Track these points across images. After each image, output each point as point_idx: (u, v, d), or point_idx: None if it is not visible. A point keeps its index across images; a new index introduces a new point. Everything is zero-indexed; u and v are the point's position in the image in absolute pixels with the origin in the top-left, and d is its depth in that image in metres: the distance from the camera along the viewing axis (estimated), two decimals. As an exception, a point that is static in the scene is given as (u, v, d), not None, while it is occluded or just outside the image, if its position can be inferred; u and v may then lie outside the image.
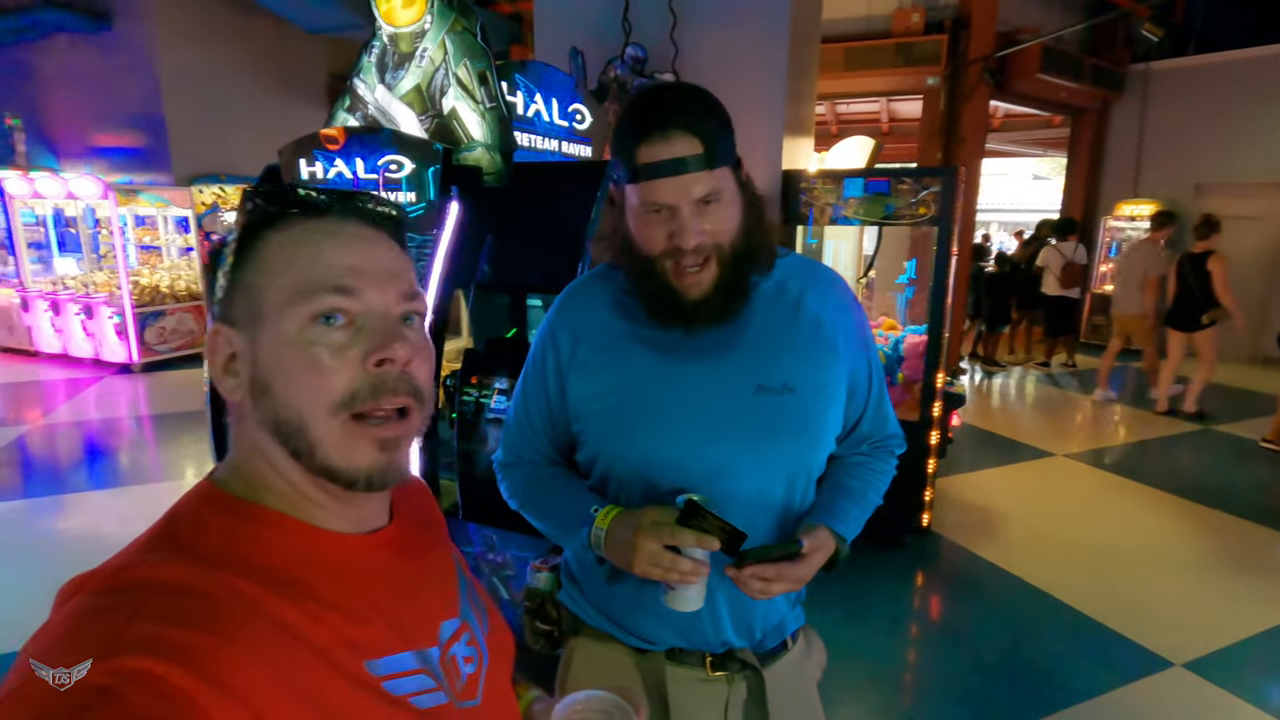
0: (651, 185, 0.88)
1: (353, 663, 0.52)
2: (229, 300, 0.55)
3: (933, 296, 3.22)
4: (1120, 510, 4.05)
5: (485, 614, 0.70)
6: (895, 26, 6.69)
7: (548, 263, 1.91)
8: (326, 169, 1.91)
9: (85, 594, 0.46)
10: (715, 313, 0.93)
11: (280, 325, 0.53)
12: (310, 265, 0.53)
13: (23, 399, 6.13)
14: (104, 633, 0.42)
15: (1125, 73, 8.36)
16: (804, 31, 3.41)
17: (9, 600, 2.90)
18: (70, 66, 8.23)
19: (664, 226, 0.90)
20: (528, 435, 1.07)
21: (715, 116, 0.90)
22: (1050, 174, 19.28)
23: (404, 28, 1.92)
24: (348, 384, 0.53)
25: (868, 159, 4.32)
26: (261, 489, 0.55)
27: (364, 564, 0.58)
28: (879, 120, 10.29)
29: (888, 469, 1.09)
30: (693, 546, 0.84)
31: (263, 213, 0.55)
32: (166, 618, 0.44)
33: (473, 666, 0.63)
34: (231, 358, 0.55)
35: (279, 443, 0.54)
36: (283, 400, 0.53)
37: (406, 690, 0.54)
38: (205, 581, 0.47)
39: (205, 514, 0.54)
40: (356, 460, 0.54)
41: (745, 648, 1.01)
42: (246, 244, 0.55)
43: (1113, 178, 8.81)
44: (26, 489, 4.18)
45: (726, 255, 0.91)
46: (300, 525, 0.55)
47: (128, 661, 0.40)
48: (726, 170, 0.90)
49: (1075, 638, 2.76)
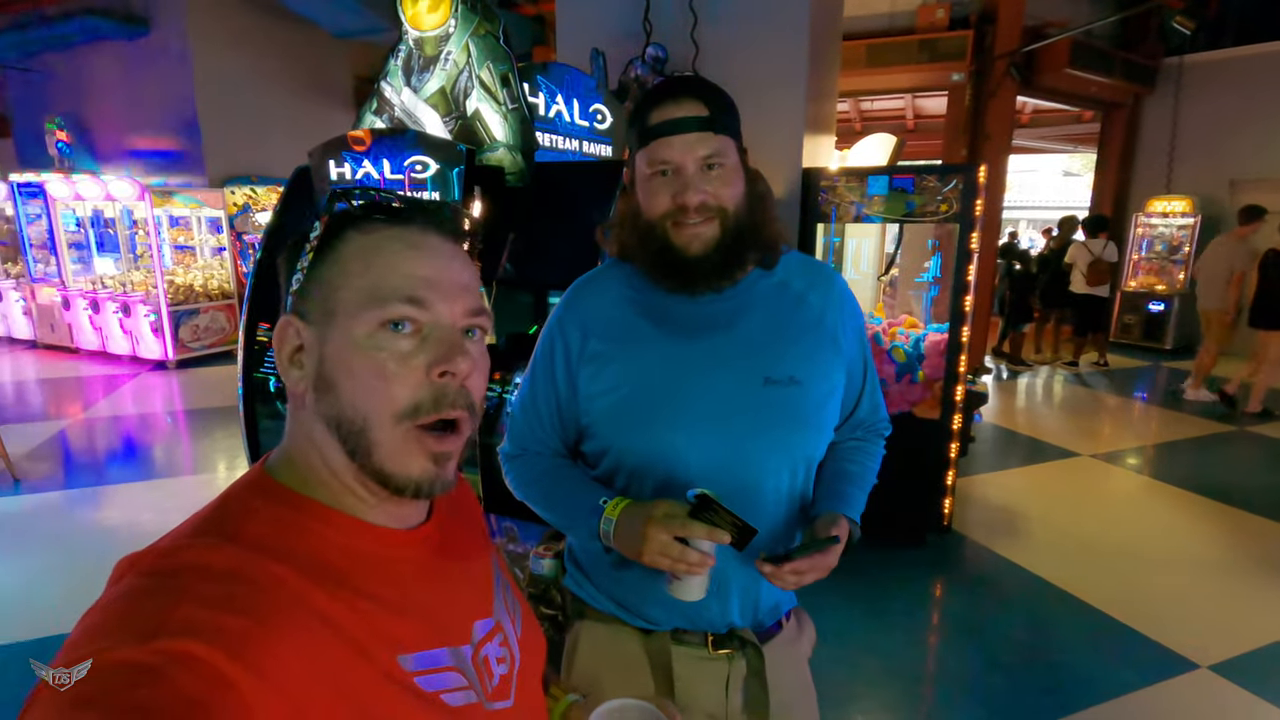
0: (659, 144, 0.93)
1: (386, 657, 0.52)
2: (303, 294, 0.56)
3: (953, 294, 3.20)
4: (1148, 511, 3.98)
5: (519, 614, 0.71)
6: (919, 22, 6.63)
7: (569, 260, 1.95)
8: (354, 170, 1.97)
9: (136, 574, 0.48)
10: (713, 271, 0.96)
11: (351, 327, 0.54)
12: (387, 273, 0.55)
13: (64, 394, 6.35)
14: (152, 614, 0.43)
15: (1158, 66, 8.19)
16: (825, 29, 3.41)
17: (50, 586, 3.02)
18: (110, 71, 8.48)
19: (669, 187, 0.94)
20: (534, 427, 1.09)
21: (722, 95, 0.96)
22: (1082, 170, 18.90)
23: (429, 32, 1.97)
24: (412, 393, 0.55)
25: (889, 156, 4.31)
26: (311, 480, 0.57)
27: (402, 559, 0.59)
28: (904, 117, 10.20)
29: (879, 450, 1.14)
30: (703, 539, 0.86)
31: (349, 215, 0.57)
32: (212, 602, 0.45)
33: (505, 668, 0.64)
34: (298, 349, 0.57)
35: (337, 439, 0.55)
36: (348, 400, 0.54)
37: (438, 687, 0.55)
38: (250, 568, 0.49)
39: (254, 502, 0.55)
40: (410, 469, 0.56)
41: (746, 627, 1.05)
42: (328, 243, 0.56)
43: (1144, 174, 8.64)
44: (67, 480, 4.34)
45: (729, 219, 0.95)
46: (344, 518, 0.56)
47: (174, 643, 0.42)
48: (731, 142, 0.95)
49: (1098, 638, 2.73)
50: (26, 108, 9.18)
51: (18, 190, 7.80)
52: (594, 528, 0.95)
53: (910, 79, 7.05)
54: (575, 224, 2.05)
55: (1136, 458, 4.85)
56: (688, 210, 0.93)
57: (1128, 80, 7.86)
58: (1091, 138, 10.05)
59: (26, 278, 8.01)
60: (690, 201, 0.92)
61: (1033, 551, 3.41)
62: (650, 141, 0.94)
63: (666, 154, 0.93)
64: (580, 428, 1.06)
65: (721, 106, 0.95)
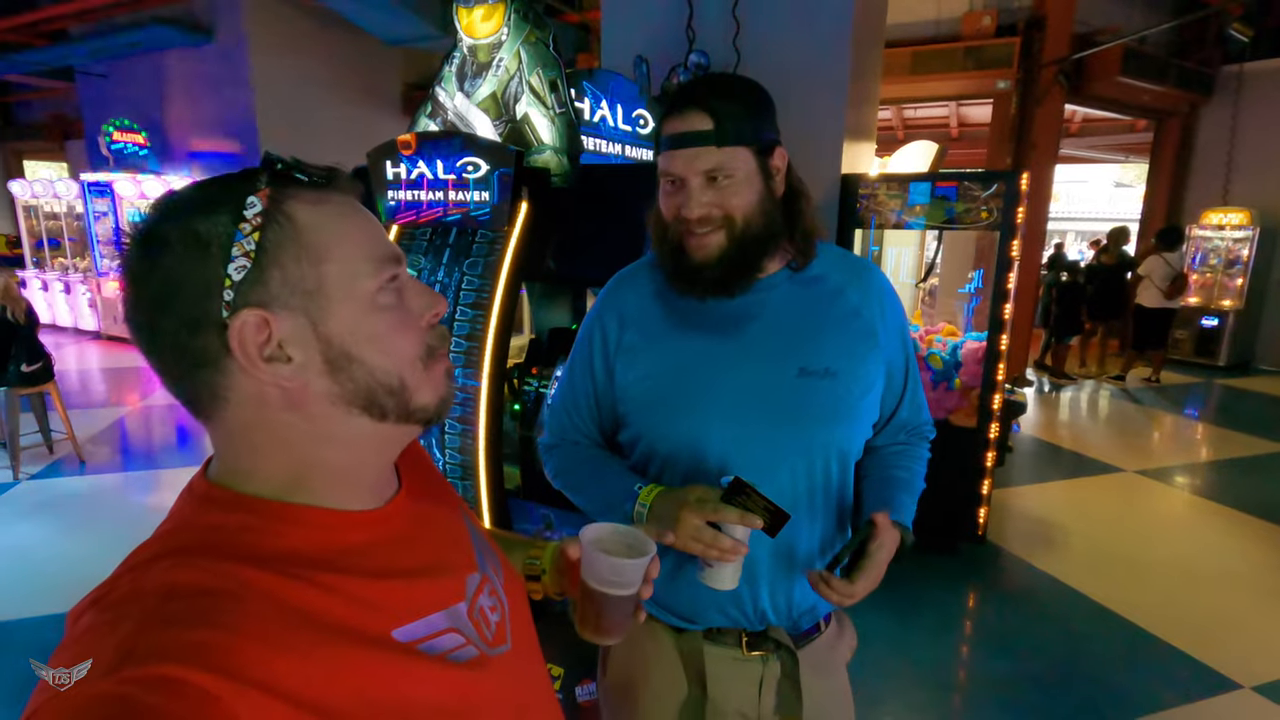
0: (667, 156, 0.96)
1: (380, 633, 0.52)
2: (259, 283, 0.50)
3: (992, 302, 3.18)
4: (1194, 529, 3.87)
5: (498, 563, 0.72)
6: (965, 29, 6.56)
7: (610, 260, 2.01)
8: (409, 170, 2.07)
9: (96, 610, 0.45)
10: (717, 280, 0.97)
11: (355, 296, 0.53)
12: (365, 237, 0.55)
13: (124, 383, 6.68)
14: (117, 644, 0.41)
15: (1215, 74, 7.94)
16: (867, 36, 3.43)
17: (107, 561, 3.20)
18: (174, 77, 8.90)
19: (675, 197, 0.97)
20: (573, 417, 1.11)
21: (737, 100, 0.95)
22: (1134, 181, 18.34)
23: (483, 39, 2.07)
24: (422, 338, 0.57)
25: (931, 164, 4.29)
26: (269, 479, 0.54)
27: (383, 535, 0.58)
28: (948, 125, 10.06)
29: (925, 454, 1.13)
30: (736, 524, 0.87)
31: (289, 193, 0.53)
32: (178, 620, 0.43)
33: (498, 615, 0.65)
34: (268, 342, 0.51)
35: (363, 410, 0.54)
36: (378, 364, 0.54)
37: (439, 650, 0.55)
38: (216, 579, 0.47)
39: (212, 515, 0.52)
40: (437, 393, 0.58)
41: (781, 627, 1.05)
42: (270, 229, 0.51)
43: (1200, 184, 8.37)
44: (126, 463, 4.58)
45: (736, 230, 0.95)
46: (312, 511, 0.54)
47: (144, 669, 0.40)
48: (742, 151, 0.94)
49: (1136, 654, 2.68)
50: (96, 111, 9.68)
51: (87, 189, 8.22)
52: (628, 512, 0.96)
53: (955, 86, 6.97)
54: (615, 224, 2.12)
55: (1184, 475, 4.71)
56: (690, 221, 0.95)
57: (1183, 88, 7.64)
58: (1143, 147, 9.77)
59: (93, 272, 8.44)
60: (691, 215, 0.94)
61: (1070, 565, 3.35)
62: (663, 151, 0.97)
63: (671, 166, 0.96)
64: (617, 416, 1.08)
65: (733, 114, 0.93)
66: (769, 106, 0.99)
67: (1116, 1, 7.04)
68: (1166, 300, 6.66)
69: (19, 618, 2.75)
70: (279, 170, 0.53)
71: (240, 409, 0.52)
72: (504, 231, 2.00)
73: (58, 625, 2.05)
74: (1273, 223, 7.73)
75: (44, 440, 4.56)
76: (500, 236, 2.01)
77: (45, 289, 9.06)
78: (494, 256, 2.01)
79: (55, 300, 8.99)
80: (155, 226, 0.50)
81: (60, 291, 8.90)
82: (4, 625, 2.71)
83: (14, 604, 2.85)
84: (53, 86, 11.82)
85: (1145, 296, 6.77)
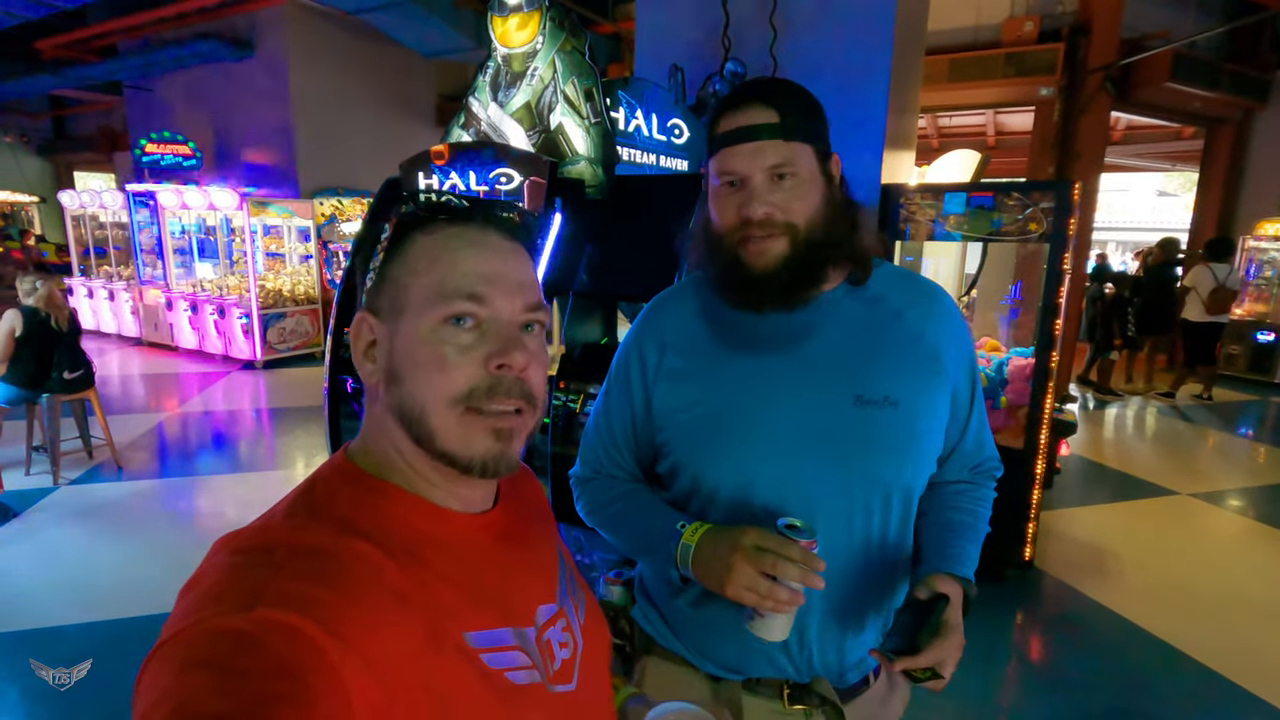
0: (726, 154, 0.88)
1: (454, 632, 0.55)
2: (376, 292, 0.60)
3: (1041, 317, 3.05)
4: (1257, 558, 3.66)
5: (583, 602, 0.72)
6: (1005, 36, 6.40)
7: (644, 272, 1.96)
8: (442, 181, 2.04)
9: (231, 551, 0.51)
10: (780, 289, 0.90)
11: (417, 322, 0.58)
12: (450, 270, 0.58)
13: (163, 389, 6.81)
14: (250, 587, 0.47)
15: (1272, 79, 7.63)
16: (908, 44, 3.33)
17: (148, 567, 3.22)
18: (216, 91, 9.13)
19: (735, 197, 0.89)
20: (609, 448, 1.05)
21: (797, 97, 0.89)
22: (1179, 190, 17.79)
23: (517, 49, 2.03)
24: (467, 381, 0.57)
25: (973, 173, 4.16)
26: (385, 466, 0.60)
27: (469, 541, 0.61)
28: (985, 134, 9.85)
29: (990, 495, 1.04)
30: (794, 580, 0.79)
31: (414, 215, 0.60)
32: (302, 576, 0.48)
33: (567, 652, 0.65)
34: (372, 344, 0.61)
35: (403, 428, 0.59)
36: (409, 390, 0.58)
37: (501, 665, 0.57)
38: (335, 544, 0.52)
39: (338, 484, 0.59)
40: (473, 447, 0.58)
41: (826, 680, 0.96)
42: (396, 242, 0.60)
43: (1254, 194, 8.04)
44: (163, 470, 4.64)
45: (800, 235, 0.88)
46: (415, 499, 0.59)
47: (272, 614, 0.45)
48: (806, 149, 0.88)
49: (1198, 693, 2.52)
50: (143, 124, 9.97)
51: (132, 199, 8.45)
52: (670, 553, 0.88)
53: (995, 94, 6.80)
54: (649, 236, 2.06)
55: (1241, 499, 4.47)
56: (752, 224, 0.87)
57: (1236, 94, 7.36)
58: (1191, 155, 9.44)
59: (136, 280, 8.65)
60: (754, 214, 0.87)
61: (1124, 594, 3.18)
62: (719, 150, 0.89)
63: (733, 164, 0.88)
64: (655, 446, 1.01)
65: (796, 109, 0.88)
66: (824, 113, 0.93)
67: (1166, 5, 6.81)
68: (1210, 314, 6.38)
69: (59, 624, 2.76)
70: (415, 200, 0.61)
71: (366, 395, 0.63)
72: (536, 244, 1.95)
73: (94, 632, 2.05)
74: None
75: (84, 446, 4.64)
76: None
77: (90, 296, 9.32)
78: (526, 269, 1.97)
79: (100, 307, 9.24)
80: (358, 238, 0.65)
81: (104, 299, 9.14)
82: (43, 631, 2.73)
83: (52, 610, 2.87)
84: (102, 100, 12.25)
85: (1190, 310, 6.50)
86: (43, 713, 2.28)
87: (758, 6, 3.30)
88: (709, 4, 3.39)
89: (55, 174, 15.19)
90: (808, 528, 0.82)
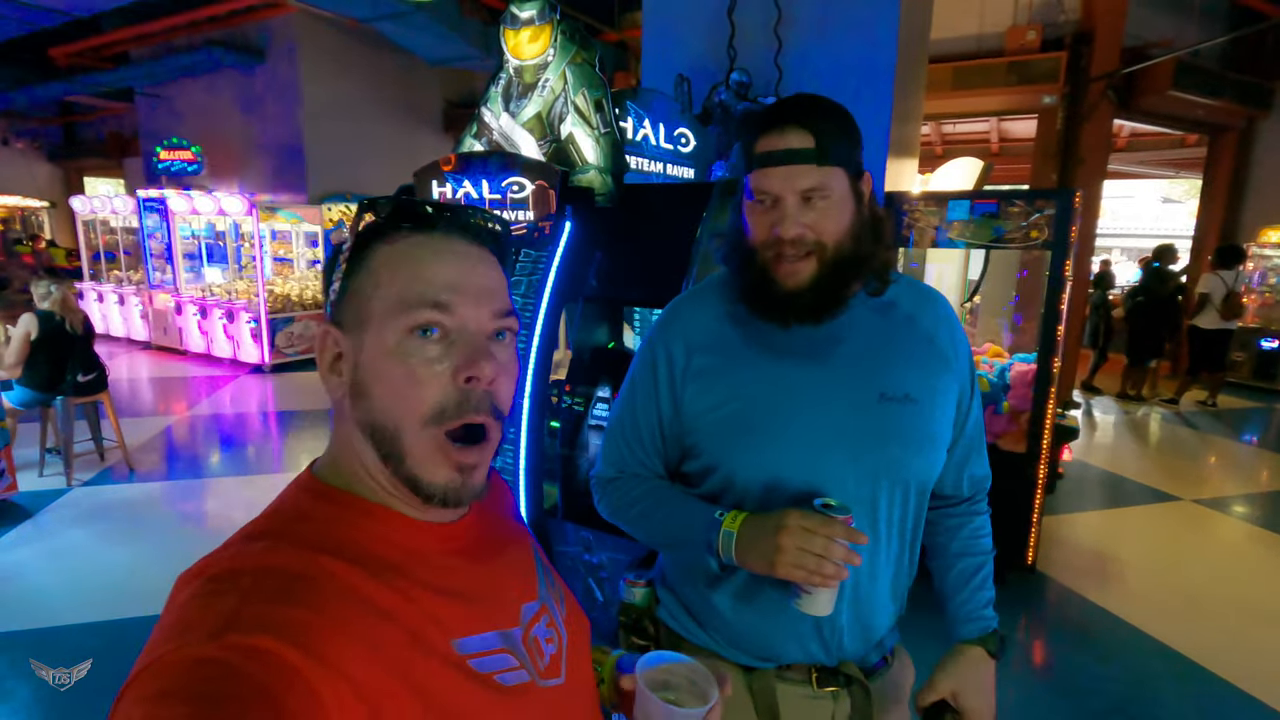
0: (762, 174, 0.92)
1: (441, 641, 0.54)
2: (340, 304, 0.59)
3: (1044, 323, 3.08)
4: (1261, 564, 3.67)
5: (562, 597, 0.73)
6: (1008, 44, 6.45)
7: (652, 279, 2.00)
8: (455, 190, 2.09)
9: (201, 580, 0.50)
10: (807, 308, 0.94)
11: (382, 334, 0.56)
12: (412, 280, 0.56)
13: (171, 393, 6.87)
14: (219, 614, 0.46)
15: (1274, 87, 7.66)
16: (912, 52, 3.38)
17: (151, 568, 3.26)
18: (226, 98, 9.23)
19: (768, 216, 0.93)
20: (634, 449, 1.07)
21: (834, 120, 0.93)
22: (1183, 197, 17.79)
23: (529, 60, 2.08)
24: (437, 398, 0.56)
25: (976, 180, 4.20)
26: (354, 481, 0.59)
27: (448, 549, 0.61)
28: (988, 141, 9.88)
29: (988, 519, 1.12)
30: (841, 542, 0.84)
31: (375, 224, 0.59)
32: (272, 598, 0.48)
33: (554, 647, 0.66)
34: (337, 358, 0.59)
35: (372, 444, 0.57)
36: (380, 406, 0.56)
37: (491, 668, 0.57)
38: (306, 564, 0.51)
39: (305, 503, 0.58)
40: (435, 476, 0.57)
41: (852, 661, 1.02)
42: (359, 252, 0.58)
43: (1258, 202, 8.05)
44: (173, 472, 4.69)
45: (829, 255, 0.92)
46: (388, 513, 0.58)
47: (244, 639, 0.45)
48: (839, 172, 0.92)
49: (1199, 697, 2.54)
50: (153, 130, 10.08)
51: (142, 204, 8.54)
52: (711, 541, 0.92)
53: (998, 102, 6.85)
54: (657, 244, 2.10)
55: (1244, 505, 4.48)
56: (784, 242, 0.91)
57: (1239, 102, 7.38)
58: (1194, 163, 9.45)
59: (145, 284, 8.73)
60: (786, 234, 0.91)
61: (1127, 599, 3.20)
62: (755, 169, 0.94)
63: (766, 184, 0.92)
64: (685, 447, 1.04)
65: (832, 133, 0.91)
66: (858, 131, 0.97)
67: (1168, 14, 6.85)
68: (1224, 320, 6.40)
69: (69, 623, 2.81)
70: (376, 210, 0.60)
71: (335, 412, 0.61)
72: (548, 250, 2.00)
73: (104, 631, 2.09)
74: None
75: (96, 448, 4.70)
76: (544, 255, 2.00)
77: (101, 300, 9.40)
78: (537, 275, 2.01)
79: (110, 311, 9.33)
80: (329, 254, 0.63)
81: (115, 303, 9.23)
82: (54, 630, 2.77)
83: (63, 610, 2.92)
84: (113, 107, 12.38)
85: (1204, 318, 6.51)
86: (53, 710, 2.32)
87: (763, 17, 3.35)
88: (715, 14, 3.45)
89: (65, 179, 15.34)
90: (842, 506, 0.87)
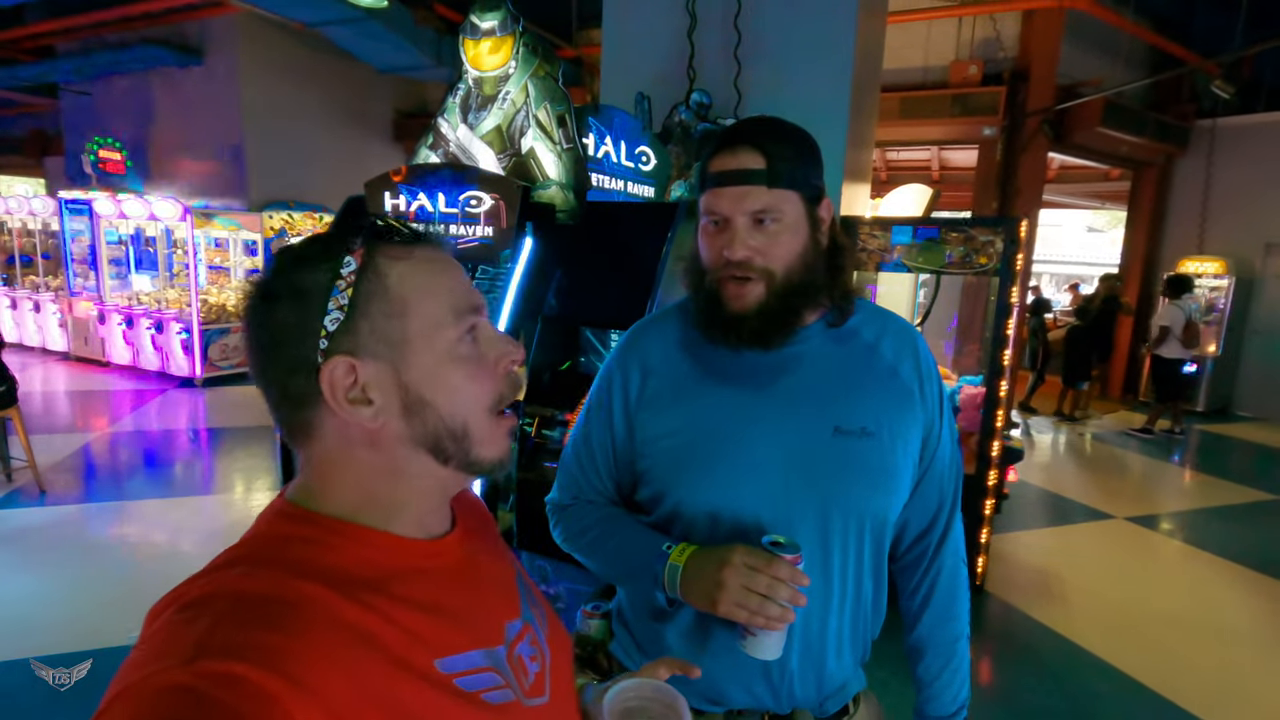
0: (714, 194, 0.91)
1: (424, 661, 0.54)
2: (347, 333, 0.55)
3: (991, 347, 3.16)
4: (1189, 580, 3.85)
5: (544, 615, 0.73)
6: (952, 77, 6.72)
7: (614, 298, 1.95)
8: (410, 202, 2.00)
9: (174, 608, 0.49)
10: (755, 332, 0.92)
11: (433, 346, 0.57)
12: (450, 290, 0.59)
13: (91, 407, 6.43)
14: (191, 640, 0.45)
15: (1190, 127, 8.21)
16: (865, 79, 3.46)
17: (61, 599, 3.00)
18: (161, 97, 8.81)
19: (719, 237, 0.92)
20: (589, 474, 1.04)
21: (789, 143, 0.91)
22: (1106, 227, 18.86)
23: (490, 72, 2.02)
24: (497, 388, 0.61)
25: (924, 207, 4.31)
26: (337, 502, 0.58)
27: (432, 567, 0.60)
28: (930, 168, 10.27)
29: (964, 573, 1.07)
30: (783, 596, 0.81)
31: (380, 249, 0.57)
32: (246, 623, 0.47)
33: (537, 665, 0.65)
34: (354, 386, 0.55)
35: (429, 451, 0.58)
36: (447, 412, 0.58)
37: (477, 687, 0.56)
38: (282, 589, 0.50)
39: (282, 528, 0.57)
40: (499, 450, 0.62)
41: (806, 710, 0.97)
42: (368, 277, 0.56)
43: (1176, 233, 8.58)
44: (90, 494, 4.36)
45: (777, 282, 0.91)
46: (377, 534, 0.58)
47: (215, 665, 0.43)
48: (793, 195, 0.90)
49: (1137, 713, 2.61)
50: (78, 128, 9.53)
51: (65, 206, 8.04)
52: (657, 574, 0.89)
53: (942, 131, 7.11)
54: (622, 263, 2.06)
55: (1172, 523, 4.70)
56: (732, 264, 0.90)
57: (1160, 140, 7.87)
58: (1119, 195, 10.02)
59: (65, 291, 8.20)
60: (734, 256, 0.90)
61: (1069, 617, 3.29)
62: (707, 189, 0.92)
63: (717, 205, 0.91)
64: (636, 473, 1.00)
65: (786, 156, 0.90)
66: (819, 156, 0.95)
67: (1097, 55, 7.26)
68: (1186, 349, 6.61)
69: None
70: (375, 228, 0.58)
71: (327, 442, 0.57)
72: (506, 268, 1.92)
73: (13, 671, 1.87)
74: (1247, 272, 7.92)
75: (2, 467, 4.34)
76: (502, 272, 1.93)
77: (14, 307, 8.79)
78: (495, 294, 1.93)
79: (24, 319, 8.71)
80: (269, 280, 0.57)
81: (29, 310, 8.63)
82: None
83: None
84: (34, 102, 11.67)
85: (1167, 348, 6.65)
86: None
87: (722, 40, 3.37)
88: (675, 35, 3.46)
89: (-23, 177, 14.34)
90: (791, 544, 0.84)
